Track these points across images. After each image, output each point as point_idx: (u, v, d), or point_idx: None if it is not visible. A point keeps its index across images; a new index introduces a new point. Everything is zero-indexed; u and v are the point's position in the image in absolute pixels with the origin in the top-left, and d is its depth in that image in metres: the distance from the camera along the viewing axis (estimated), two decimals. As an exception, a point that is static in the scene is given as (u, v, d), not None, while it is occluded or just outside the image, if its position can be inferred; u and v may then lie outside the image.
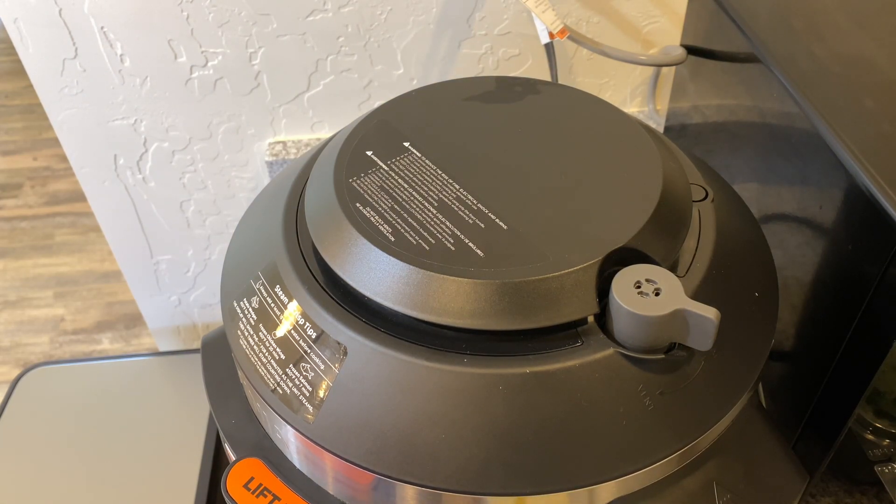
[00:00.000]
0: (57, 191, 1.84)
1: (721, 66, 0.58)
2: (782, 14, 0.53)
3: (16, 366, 1.46)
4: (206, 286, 0.87)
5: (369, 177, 0.40)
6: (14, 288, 1.61)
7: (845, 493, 0.56)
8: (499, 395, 0.33)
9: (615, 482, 0.34)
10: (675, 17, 0.71)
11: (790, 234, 0.49)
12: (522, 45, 0.71)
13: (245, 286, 0.41)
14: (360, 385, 0.35)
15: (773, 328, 0.39)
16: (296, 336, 0.37)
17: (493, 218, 0.37)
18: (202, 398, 0.45)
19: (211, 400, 0.44)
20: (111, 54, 0.67)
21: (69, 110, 0.71)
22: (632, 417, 0.34)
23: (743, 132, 0.55)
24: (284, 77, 0.71)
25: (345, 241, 0.37)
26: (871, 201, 0.39)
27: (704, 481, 0.37)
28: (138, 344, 1.48)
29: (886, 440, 0.51)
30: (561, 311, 0.34)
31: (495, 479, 0.33)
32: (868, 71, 0.47)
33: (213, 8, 0.66)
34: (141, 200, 0.78)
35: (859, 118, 0.44)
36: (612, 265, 0.35)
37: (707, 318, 0.32)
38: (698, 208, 0.41)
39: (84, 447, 0.73)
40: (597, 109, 0.45)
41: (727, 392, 0.36)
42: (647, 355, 0.34)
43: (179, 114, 0.72)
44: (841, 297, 0.44)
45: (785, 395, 0.52)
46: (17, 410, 0.77)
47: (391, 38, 0.69)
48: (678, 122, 0.69)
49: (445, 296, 0.34)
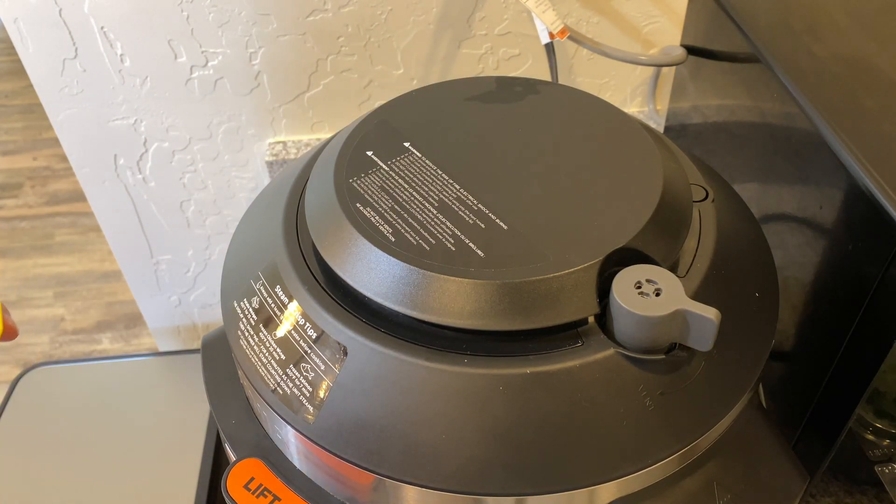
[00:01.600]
0: (57, 191, 1.84)
1: (721, 66, 0.58)
2: (782, 14, 0.53)
3: (16, 366, 1.46)
4: (206, 286, 0.87)
5: (369, 177, 0.40)
6: (14, 288, 1.61)
7: (845, 493, 0.56)
8: (499, 396, 0.33)
9: (615, 482, 0.34)
10: (675, 17, 0.71)
11: (790, 234, 0.49)
12: (522, 45, 0.71)
13: (245, 286, 0.41)
14: (361, 385, 0.35)
15: (773, 328, 0.39)
16: (296, 336, 0.37)
17: (493, 218, 0.37)
18: (202, 398, 0.45)
19: (211, 400, 0.44)
20: (111, 54, 0.67)
21: (69, 110, 0.71)
22: (632, 418, 0.34)
23: (743, 132, 0.55)
24: (284, 77, 0.71)
25: (345, 242, 0.37)
26: (871, 201, 0.39)
27: (705, 481, 0.37)
28: (138, 344, 1.48)
29: (886, 440, 0.51)
30: (561, 311, 0.34)
31: (495, 480, 0.33)
32: (868, 71, 0.47)
33: (213, 8, 0.66)
34: (141, 200, 0.78)
35: (859, 118, 0.44)
36: (613, 265, 0.35)
37: (707, 318, 0.32)
38: (699, 208, 0.41)
39: (84, 447, 0.73)
40: (597, 109, 0.45)
41: (727, 392, 0.36)
42: (648, 355, 0.34)
43: (179, 114, 0.72)
44: (841, 297, 0.44)
45: (785, 395, 0.52)
46: (17, 410, 0.77)
47: (391, 38, 0.69)
48: (678, 122, 0.69)
49: (446, 296, 0.34)
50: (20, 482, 0.70)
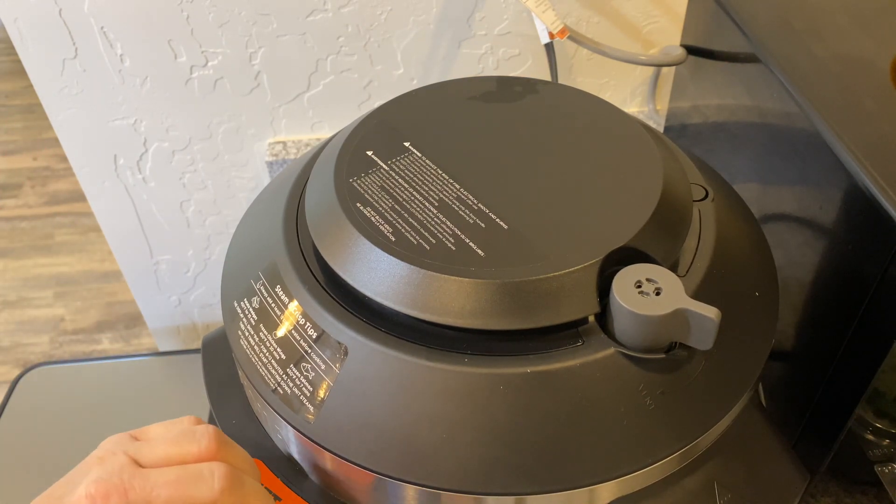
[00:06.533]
0: (57, 191, 1.84)
1: (721, 66, 0.58)
2: (782, 14, 0.53)
3: (16, 366, 1.46)
4: (206, 286, 0.87)
5: (370, 177, 0.40)
6: (14, 288, 1.61)
7: (845, 493, 0.56)
8: (499, 395, 0.33)
9: (616, 482, 0.34)
10: (675, 17, 0.71)
11: (790, 234, 0.49)
12: (522, 45, 0.71)
13: (245, 286, 0.41)
14: (361, 385, 0.35)
15: (773, 328, 0.39)
16: (296, 336, 0.37)
17: (493, 218, 0.37)
18: (202, 398, 0.45)
19: (211, 400, 0.44)
20: (111, 54, 0.67)
21: (69, 110, 0.71)
22: (632, 417, 0.34)
23: (743, 132, 0.55)
24: (284, 77, 0.71)
25: (345, 241, 0.37)
26: (871, 201, 0.39)
27: (705, 481, 0.37)
28: (138, 344, 1.48)
29: (886, 440, 0.51)
30: (561, 310, 0.34)
31: (496, 479, 0.33)
32: (868, 71, 0.47)
33: (213, 8, 0.66)
34: (141, 200, 0.78)
35: (859, 118, 0.44)
36: (613, 265, 0.35)
37: (708, 317, 0.32)
38: (699, 208, 0.41)
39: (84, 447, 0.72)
40: (597, 109, 0.45)
41: (728, 392, 0.36)
42: (648, 355, 0.34)
43: (179, 114, 0.72)
44: (841, 297, 0.44)
45: (785, 395, 0.52)
46: (17, 410, 0.76)
47: (391, 38, 0.69)
48: (678, 122, 0.69)
49: (446, 295, 0.34)
50: (20, 482, 0.70)
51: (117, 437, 0.36)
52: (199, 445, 0.35)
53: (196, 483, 0.33)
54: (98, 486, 0.32)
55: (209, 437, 0.35)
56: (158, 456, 0.35)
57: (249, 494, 0.35)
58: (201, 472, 0.34)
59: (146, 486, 0.33)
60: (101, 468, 0.34)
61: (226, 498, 0.34)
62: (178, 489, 0.33)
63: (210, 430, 0.36)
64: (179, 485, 0.33)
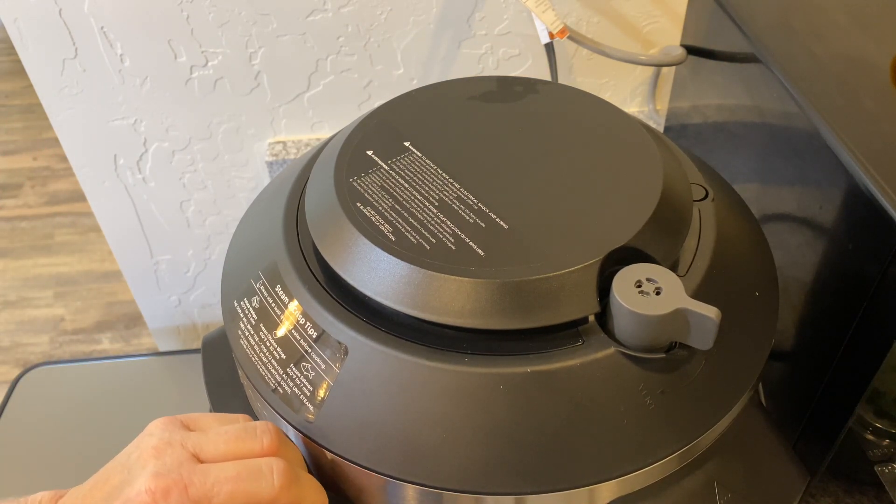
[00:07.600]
0: (57, 191, 1.84)
1: (721, 66, 0.58)
2: (782, 14, 0.53)
3: (16, 366, 1.46)
4: (206, 286, 0.87)
5: (370, 176, 0.40)
6: (14, 288, 1.61)
7: (845, 493, 0.56)
8: (500, 395, 0.33)
9: (616, 482, 0.34)
10: (675, 17, 0.71)
11: (790, 234, 0.49)
12: (522, 45, 0.71)
13: (245, 286, 0.41)
14: (361, 385, 0.35)
15: (773, 328, 0.39)
16: (296, 336, 0.37)
17: (493, 217, 0.37)
18: (202, 398, 0.45)
19: (211, 400, 0.44)
20: (111, 54, 0.68)
21: (69, 110, 0.71)
22: (632, 417, 0.34)
23: (743, 132, 0.55)
24: (284, 77, 0.71)
25: (345, 241, 0.37)
26: (871, 201, 0.39)
27: (705, 481, 0.37)
28: (138, 344, 1.48)
29: (886, 440, 0.51)
30: (562, 310, 0.34)
31: (496, 479, 0.33)
32: (868, 71, 0.47)
33: (213, 8, 0.66)
34: (141, 200, 0.78)
35: (859, 118, 0.44)
36: (613, 264, 0.35)
37: (708, 317, 0.32)
38: (699, 208, 0.41)
39: (84, 447, 0.73)
40: (597, 109, 0.45)
41: (728, 391, 0.36)
42: (648, 354, 0.34)
43: (179, 114, 0.72)
44: (841, 297, 0.44)
45: (785, 395, 0.52)
46: (17, 410, 0.77)
47: (391, 38, 0.69)
48: (678, 122, 0.69)
49: (446, 295, 0.34)
50: (20, 482, 0.70)
51: (167, 422, 0.35)
52: (262, 443, 0.35)
53: (256, 479, 0.33)
54: (158, 481, 0.31)
55: (270, 434, 0.35)
56: (221, 452, 0.34)
57: (305, 488, 0.35)
58: (260, 469, 0.33)
59: (206, 481, 0.32)
60: (158, 461, 0.33)
61: (284, 494, 0.33)
62: (238, 485, 0.32)
63: (270, 428, 0.35)
64: (240, 481, 0.32)
